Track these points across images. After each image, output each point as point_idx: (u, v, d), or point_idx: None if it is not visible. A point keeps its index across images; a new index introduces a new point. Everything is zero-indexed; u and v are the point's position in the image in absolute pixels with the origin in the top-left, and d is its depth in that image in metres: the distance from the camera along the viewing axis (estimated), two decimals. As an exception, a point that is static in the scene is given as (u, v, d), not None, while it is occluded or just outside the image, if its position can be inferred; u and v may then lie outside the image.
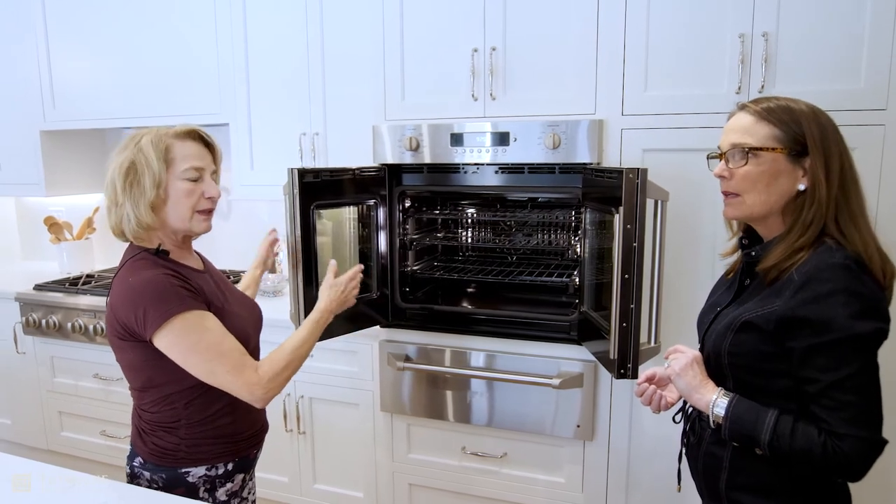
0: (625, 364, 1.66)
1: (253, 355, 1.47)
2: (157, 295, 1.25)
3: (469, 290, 2.56)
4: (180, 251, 1.42)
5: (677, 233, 1.90)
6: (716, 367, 1.20)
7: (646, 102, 1.91)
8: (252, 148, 2.69)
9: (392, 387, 2.27)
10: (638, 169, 1.60)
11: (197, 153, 1.36)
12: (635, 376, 1.67)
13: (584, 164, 1.97)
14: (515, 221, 2.54)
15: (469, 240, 2.63)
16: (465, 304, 2.40)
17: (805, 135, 1.10)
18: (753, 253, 1.20)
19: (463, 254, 2.70)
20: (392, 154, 2.17)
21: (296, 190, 1.85)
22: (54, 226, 3.31)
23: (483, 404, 2.17)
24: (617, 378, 1.69)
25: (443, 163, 2.13)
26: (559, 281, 2.29)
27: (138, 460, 1.39)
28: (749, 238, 1.25)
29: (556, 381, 2.02)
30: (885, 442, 1.06)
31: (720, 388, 1.17)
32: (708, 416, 1.17)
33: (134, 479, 1.39)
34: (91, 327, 2.74)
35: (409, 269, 2.37)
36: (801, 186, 1.12)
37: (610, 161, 1.97)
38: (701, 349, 1.27)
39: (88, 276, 3.07)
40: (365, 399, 2.37)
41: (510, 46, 2.03)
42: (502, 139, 2.03)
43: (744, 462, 1.17)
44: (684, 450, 1.35)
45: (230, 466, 1.41)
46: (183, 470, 1.36)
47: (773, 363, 1.11)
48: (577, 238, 2.30)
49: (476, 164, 2.12)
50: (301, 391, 2.46)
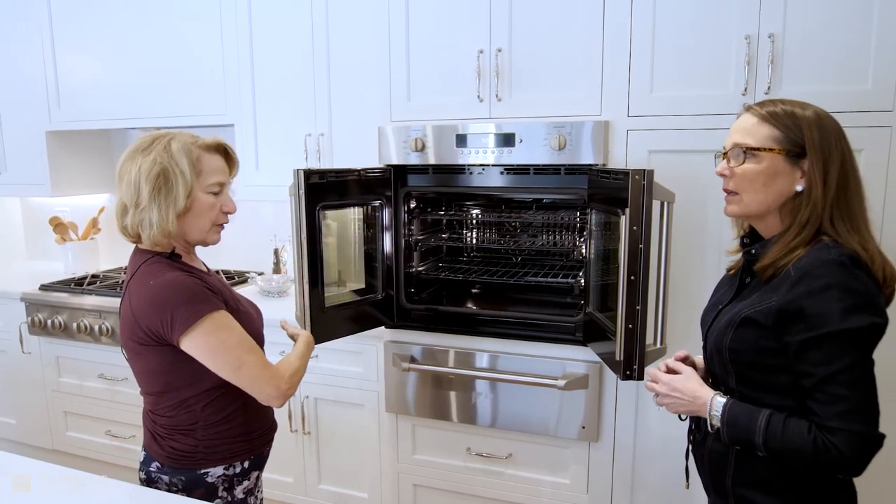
0: (631, 365, 1.66)
1: None
2: (185, 297, 1.26)
3: (474, 291, 2.57)
4: (188, 255, 1.43)
5: (683, 234, 1.90)
6: (718, 364, 1.23)
7: (652, 104, 1.91)
8: (257, 149, 2.70)
9: (397, 387, 2.27)
10: (644, 170, 1.60)
11: (222, 168, 1.38)
12: (641, 377, 1.68)
13: (590, 166, 1.97)
14: (520, 222, 2.54)
15: (474, 241, 2.63)
16: (470, 305, 2.40)
17: (804, 138, 1.13)
18: (753, 251, 1.22)
19: (468, 255, 2.70)
20: (397, 155, 2.17)
21: (301, 191, 1.85)
22: (59, 226, 3.32)
23: (488, 405, 2.17)
24: (623, 379, 1.69)
25: (448, 164, 2.13)
26: (564, 282, 2.29)
27: (155, 465, 1.38)
28: (751, 237, 1.27)
29: (562, 383, 2.02)
30: (882, 437, 1.06)
31: (713, 394, 1.19)
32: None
33: (151, 485, 1.39)
34: (96, 327, 2.75)
35: (414, 270, 2.37)
36: (799, 187, 1.15)
37: (615, 162, 1.97)
38: (704, 346, 1.30)
39: (94, 277, 3.08)
40: (370, 400, 2.38)
41: (516, 47, 2.03)
42: (508, 140, 2.03)
43: (749, 458, 1.19)
44: (690, 447, 1.36)
45: (246, 464, 1.43)
46: (202, 471, 1.37)
47: (773, 358, 1.13)
48: (583, 239, 2.30)
49: (481, 165, 2.12)
50: (306, 392, 2.46)
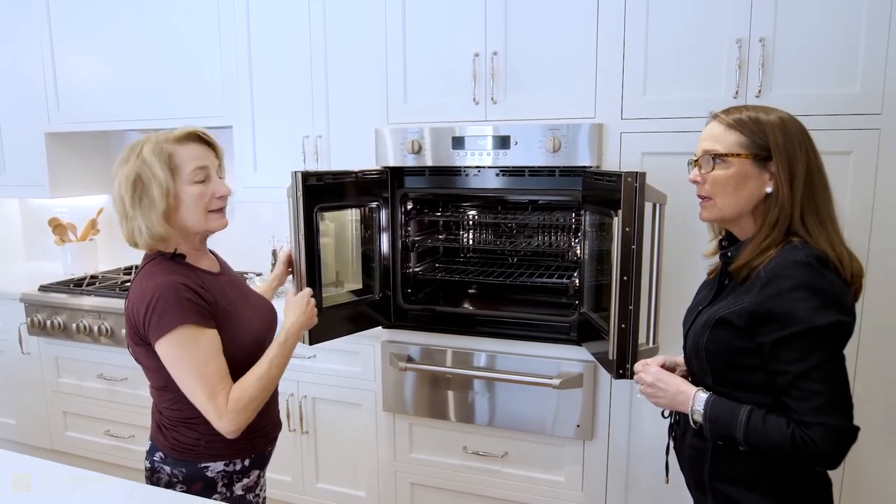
0: (623, 364, 1.69)
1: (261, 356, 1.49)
2: (164, 304, 1.28)
3: (470, 292, 2.59)
4: (197, 254, 1.45)
5: (676, 235, 1.92)
6: (696, 363, 1.27)
7: (645, 106, 1.94)
8: (255, 150, 2.72)
9: (394, 387, 2.30)
10: (636, 173, 1.63)
11: (199, 154, 1.38)
12: (633, 377, 1.70)
13: (584, 168, 1.99)
14: (516, 223, 2.56)
15: (470, 241, 2.65)
16: (467, 306, 2.43)
17: (769, 141, 1.17)
18: (729, 254, 1.25)
19: (464, 255, 2.73)
20: (394, 157, 2.19)
21: (299, 193, 1.87)
22: (59, 227, 3.34)
23: (484, 404, 2.20)
24: (616, 378, 1.72)
25: (445, 165, 2.16)
26: (559, 282, 2.32)
27: (159, 455, 1.43)
28: (729, 240, 1.31)
29: (557, 382, 2.05)
30: (856, 429, 1.10)
31: (696, 390, 1.22)
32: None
33: (154, 474, 1.43)
34: (96, 328, 2.77)
35: (411, 271, 2.40)
36: (769, 189, 1.19)
37: (609, 164, 1.99)
38: (684, 346, 1.33)
39: (93, 277, 3.10)
40: (367, 399, 2.40)
41: (511, 51, 2.06)
42: (503, 142, 2.06)
43: (725, 453, 1.22)
44: (672, 443, 1.39)
45: (247, 462, 1.45)
46: (202, 465, 1.40)
47: (747, 358, 1.16)
48: (577, 240, 2.33)
49: (477, 167, 2.15)
50: (304, 391, 2.48)
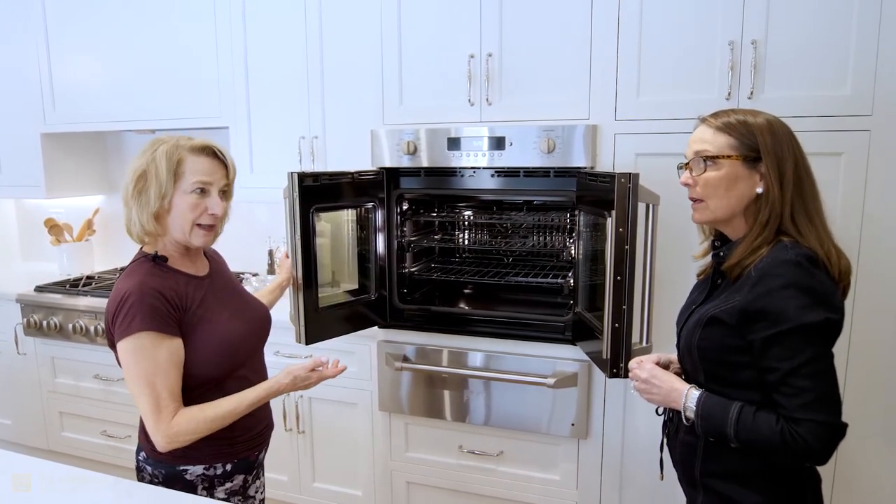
0: (617, 363, 1.70)
1: (249, 363, 1.49)
2: (129, 306, 1.29)
3: (466, 292, 2.60)
4: (182, 257, 1.44)
5: (669, 235, 1.94)
6: (689, 361, 1.29)
7: (638, 108, 1.96)
8: (252, 151, 2.73)
9: (390, 386, 2.31)
10: (630, 174, 1.64)
11: (208, 169, 1.39)
12: (627, 375, 1.72)
13: (579, 168, 2.01)
14: (511, 224, 2.58)
15: (466, 242, 2.67)
16: (462, 305, 2.44)
17: (758, 143, 1.19)
18: (721, 254, 1.28)
19: (460, 255, 2.74)
20: (390, 158, 2.21)
21: (296, 193, 1.88)
22: (55, 227, 3.34)
23: (480, 403, 2.21)
24: (609, 377, 1.73)
25: (440, 166, 2.17)
26: (554, 282, 2.33)
27: (142, 455, 1.44)
28: (721, 241, 1.33)
29: (551, 381, 2.07)
30: (845, 425, 1.12)
31: (688, 387, 1.24)
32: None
33: (140, 473, 1.44)
34: (92, 328, 2.77)
35: (407, 271, 2.41)
36: (759, 189, 1.21)
37: (603, 165, 2.01)
38: (677, 345, 1.35)
39: (89, 278, 3.10)
40: (363, 399, 2.41)
41: (506, 52, 2.07)
42: (498, 143, 2.07)
43: (716, 450, 1.24)
44: (665, 439, 1.41)
45: (229, 467, 1.44)
46: (181, 468, 1.40)
47: (738, 355, 1.18)
48: (572, 240, 2.35)
49: (473, 168, 2.16)
50: (299, 391, 2.49)
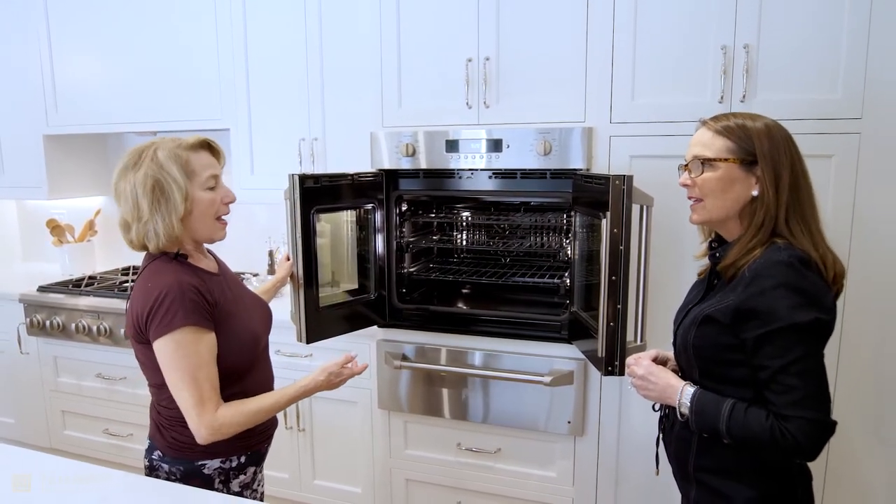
0: (612, 362, 1.74)
1: (262, 355, 1.55)
2: (169, 303, 1.32)
3: (464, 291, 2.64)
4: (197, 254, 1.49)
5: (663, 236, 1.97)
6: (684, 359, 1.32)
7: (633, 111, 1.99)
8: (252, 153, 2.76)
9: (389, 385, 2.34)
10: (624, 176, 1.68)
11: (211, 162, 1.44)
12: (622, 373, 1.75)
13: (575, 170, 2.04)
14: (509, 224, 2.61)
15: (464, 242, 2.70)
16: (461, 305, 2.48)
17: (755, 147, 1.23)
18: (717, 254, 1.31)
19: (458, 256, 2.77)
20: (389, 160, 2.24)
21: (297, 195, 1.91)
22: (56, 228, 3.37)
23: (477, 402, 2.25)
24: (605, 375, 1.77)
25: (438, 168, 2.20)
26: (551, 282, 2.37)
27: (157, 453, 1.47)
28: (718, 242, 1.36)
29: (548, 379, 2.10)
30: (833, 423, 1.15)
31: (684, 384, 1.27)
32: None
33: (152, 472, 1.47)
34: (94, 328, 2.80)
35: (406, 271, 2.44)
36: (755, 192, 1.24)
37: (599, 167, 2.04)
38: (674, 343, 1.38)
39: (91, 278, 3.13)
40: (363, 397, 2.44)
41: (503, 56, 2.11)
42: (496, 146, 2.11)
43: (709, 445, 1.27)
44: (661, 435, 1.44)
45: (243, 459, 1.49)
46: (199, 462, 1.43)
47: (732, 353, 1.22)
48: (568, 241, 2.38)
49: (470, 170, 2.19)
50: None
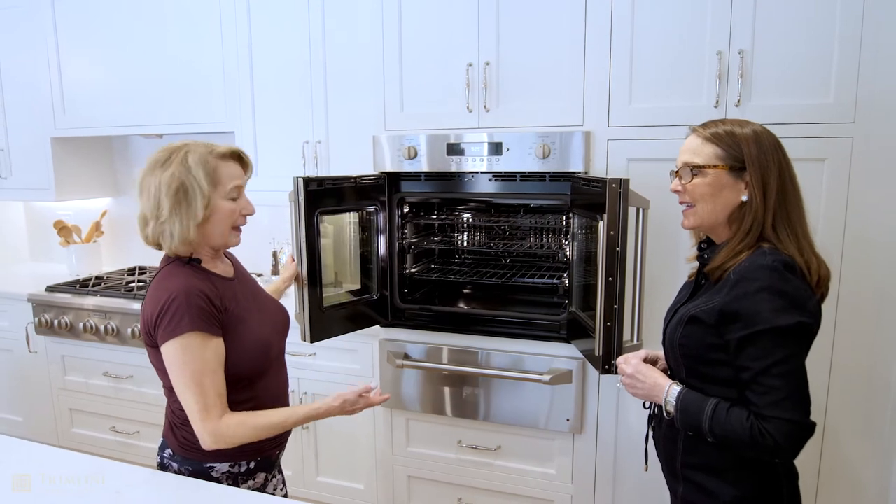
0: (609, 361, 1.78)
1: (277, 360, 1.55)
2: (176, 307, 1.33)
3: (465, 292, 2.68)
4: (213, 259, 1.49)
5: (659, 237, 2.01)
6: (672, 358, 1.36)
7: (630, 115, 2.03)
8: (257, 155, 2.80)
9: (392, 383, 2.38)
10: (621, 179, 1.72)
11: (238, 173, 1.45)
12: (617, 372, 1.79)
13: (573, 173, 2.08)
14: (509, 226, 2.65)
15: (465, 243, 2.74)
16: (462, 305, 2.52)
17: (743, 153, 1.26)
18: (706, 255, 1.35)
19: (459, 257, 2.82)
20: (391, 162, 2.28)
21: (301, 197, 1.96)
22: (64, 229, 3.42)
23: (478, 400, 2.29)
24: (602, 374, 1.81)
25: (440, 171, 2.24)
26: (550, 282, 2.41)
27: (168, 452, 1.48)
28: (708, 243, 1.40)
29: (547, 378, 2.14)
30: (813, 424, 1.17)
31: (670, 383, 1.31)
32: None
33: (164, 470, 1.48)
34: (101, 327, 2.85)
35: (408, 272, 2.48)
36: (744, 198, 1.27)
37: (597, 170, 2.08)
38: (663, 342, 1.42)
39: (97, 278, 3.18)
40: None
41: (503, 61, 2.15)
42: (496, 149, 2.15)
43: (696, 443, 1.30)
44: (651, 432, 1.48)
45: (252, 465, 1.49)
46: (208, 464, 1.44)
47: (716, 353, 1.25)
48: (567, 242, 2.42)
49: (471, 172, 2.23)
50: (304, 388, 2.57)
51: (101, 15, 2.98)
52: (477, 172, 2.23)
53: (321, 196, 2.03)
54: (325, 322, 2.10)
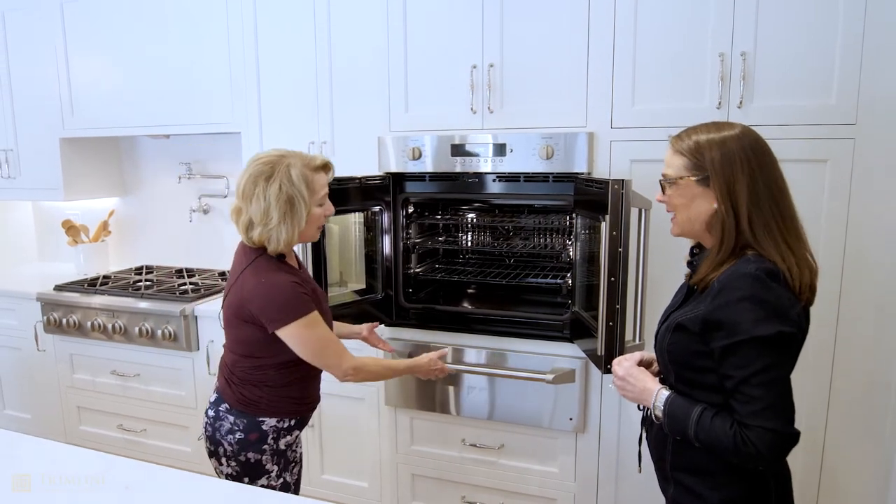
0: (611, 360, 1.77)
1: None
2: (284, 300, 1.56)
3: (469, 291, 2.70)
4: (290, 254, 1.70)
5: (661, 238, 2.01)
6: (661, 363, 1.37)
7: (633, 116, 2.04)
8: (263, 156, 2.82)
9: (396, 382, 2.40)
10: (623, 180, 1.73)
11: (325, 181, 1.66)
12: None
13: (576, 174, 2.10)
14: (513, 226, 2.67)
15: (469, 243, 2.76)
16: (466, 305, 2.53)
17: (705, 162, 1.24)
18: (694, 262, 1.36)
19: (463, 257, 2.83)
20: (396, 163, 2.30)
21: (307, 198, 1.98)
22: (72, 229, 3.45)
23: (482, 399, 2.30)
24: (604, 373, 1.83)
25: (444, 171, 2.26)
26: (553, 283, 2.42)
27: (224, 406, 1.68)
28: (700, 248, 1.40)
29: (550, 377, 2.15)
30: (797, 433, 1.17)
31: (659, 388, 1.31)
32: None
33: (217, 421, 1.68)
34: (109, 326, 2.88)
35: (412, 271, 2.50)
36: (715, 205, 1.25)
37: (600, 170, 2.10)
38: (654, 346, 1.43)
39: (105, 277, 3.21)
40: (370, 394, 2.51)
41: (507, 63, 2.16)
42: (500, 150, 2.17)
43: (685, 446, 1.31)
44: (644, 434, 1.49)
45: (292, 423, 1.72)
46: (260, 419, 1.66)
47: (703, 360, 1.25)
48: (570, 242, 2.43)
49: (475, 173, 2.25)
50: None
51: (110, 17, 3.01)
52: (481, 173, 2.24)
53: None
54: (330, 321, 2.11)
